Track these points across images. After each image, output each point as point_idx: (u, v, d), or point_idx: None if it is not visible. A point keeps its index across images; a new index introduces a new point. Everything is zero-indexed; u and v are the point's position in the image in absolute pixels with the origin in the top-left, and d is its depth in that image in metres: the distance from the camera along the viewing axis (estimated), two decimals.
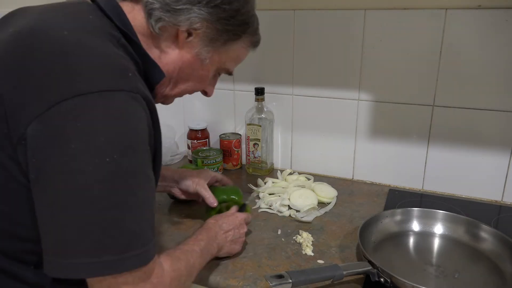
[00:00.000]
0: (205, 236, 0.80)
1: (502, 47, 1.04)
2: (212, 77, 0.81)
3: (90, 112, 0.51)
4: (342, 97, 1.25)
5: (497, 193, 1.15)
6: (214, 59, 0.74)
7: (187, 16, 0.67)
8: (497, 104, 1.08)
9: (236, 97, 1.39)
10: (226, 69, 0.80)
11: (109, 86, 0.53)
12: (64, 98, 0.51)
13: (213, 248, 0.81)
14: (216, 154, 1.33)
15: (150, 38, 0.69)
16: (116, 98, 0.54)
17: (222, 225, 0.86)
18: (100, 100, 0.52)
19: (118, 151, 0.53)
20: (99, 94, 0.52)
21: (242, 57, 0.81)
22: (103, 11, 0.64)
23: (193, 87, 0.78)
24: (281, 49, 1.28)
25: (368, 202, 1.16)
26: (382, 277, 0.77)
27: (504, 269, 0.84)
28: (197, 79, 0.77)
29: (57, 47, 0.55)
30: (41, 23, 0.59)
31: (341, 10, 1.18)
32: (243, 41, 0.77)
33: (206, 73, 0.76)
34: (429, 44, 1.10)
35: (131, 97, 0.55)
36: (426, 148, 1.19)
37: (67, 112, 0.51)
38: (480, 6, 1.04)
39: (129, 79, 0.56)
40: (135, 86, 0.57)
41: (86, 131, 0.51)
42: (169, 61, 0.71)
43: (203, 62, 0.73)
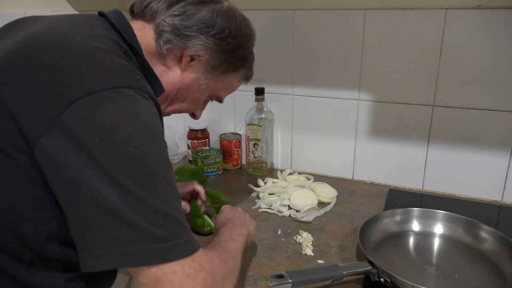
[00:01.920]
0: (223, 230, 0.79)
1: (502, 47, 1.04)
2: (204, 102, 0.85)
3: (106, 106, 0.53)
4: (342, 97, 1.25)
5: (497, 193, 1.15)
6: (211, 85, 0.79)
7: (194, 43, 0.72)
8: (497, 104, 1.08)
9: (236, 97, 1.39)
10: (218, 97, 0.86)
11: (121, 83, 0.56)
12: (80, 97, 0.52)
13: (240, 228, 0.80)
14: (216, 154, 1.33)
15: (156, 57, 0.73)
16: (129, 93, 0.56)
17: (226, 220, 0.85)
18: (114, 95, 0.54)
19: (140, 139, 0.54)
20: (113, 90, 0.54)
21: (234, 88, 0.87)
22: (112, 24, 0.67)
23: (185, 108, 0.82)
24: (281, 49, 1.28)
25: (368, 202, 1.16)
26: (382, 277, 0.77)
27: (504, 269, 0.84)
28: (191, 101, 0.81)
29: (69, 50, 0.56)
30: (53, 29, 0.61)
31: (341, 10, 1.18)
32: (239, 73, 0.83)
33: (200, 97, 0.81)
34: (429, 44, 1.10)
35: (143, 96, 0.58)
36: (426, 148, 1.19)
37: (84, 109, 0.52)
38: (480, 6, 1.04)
39: (138, 80, 0.59)
40: (144, 86, 0.59)
41: (106, 124, 0.52)
42: (170, 80, 0.75)
43: (200, 87, 0.78)
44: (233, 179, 1.33)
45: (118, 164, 0.52)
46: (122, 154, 0.52)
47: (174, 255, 0.53)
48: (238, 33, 0.77)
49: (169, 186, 0.56)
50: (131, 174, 0.52)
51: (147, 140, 0.55)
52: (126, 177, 0.52)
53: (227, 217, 0.86)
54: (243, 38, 0.79)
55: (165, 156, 0.58)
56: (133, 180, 0.52)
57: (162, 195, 0.55)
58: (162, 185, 0.55)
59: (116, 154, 0.52)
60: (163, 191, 0.55)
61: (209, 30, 0.73)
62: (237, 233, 0.78)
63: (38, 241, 0.58)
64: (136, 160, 0.53)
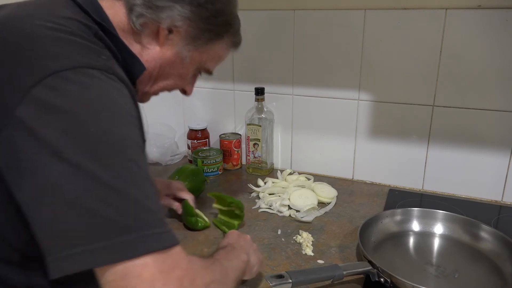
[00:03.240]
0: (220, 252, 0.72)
1: (502, 47, 1.04)
2: (192, 76, 0.80)
3: (66, 88, 0.49)
4: (342, 97, 1.25)
5: (497, 193, 1.15)
6: (195, 58, 0.74)
7: (169, 14, 0.67)
8: (497, 104, 1.08)
9: (236, 97, 1.39)
10: (207, 69, 0.79)
11: (82, 63, 0.51)
12: (37, 81, 0.48)
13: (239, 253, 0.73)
14: (216, 154, 1.33)
15: (131, 34, 0.68)
16: (92, 73, 0.52)
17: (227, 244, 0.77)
18: (75, 75, 0.50)
19: (105, 120, 0.50)
20: (73, 70, 0.50)
21: (223, 57, 0.80)
22: (78, 5, 0.62)
23: (172, 85, 0.77)
24: (281, 49, 1.28)
25: (368, 202, 1.16)
26: (382, 277, 0.77)
27: (504, 269, 0.84)
28: (177, 77, 0.76)
29: (26, 35, 0.53)
30: (12, 15, 0.57)
31: (341, 10, 1.18)
32: (224, 41, 0.76)
33: (186, 72, 0.76)
34: (429, 44, 1.10)
35: (108, 77, 0.53)
36: (426, 148, 1.19)
37: (42, 94, 0.48)
38: (480, 6, 1.04)
39: (103, 60, 0.54)
40: (110, 67, 0.55)
41: (66, 106, 0.48)
42: (150, 57, 0.70)
43: (183, 61, 0.73)
44: (233, 179, 1.33)
45: (79, 147, 0.47)
46: (84, 136, 0.48)
47: (145, 247, 0.47)
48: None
49: (139, 170, 0.50)
50: (95, 158, 0.48)
51: (113, 120, 0.51)
52: (88, 162, 0.47)
53: (229, 242, 0.77)
54: (222, 2, 0.71)
55: (135, 139, 0.53)
56: (97, 164, 0.47)
57: (130, 180, 0.49)
58: (131, 169, 0.50)
59: (78, 137, 0.48)
60: (132, 174, 0.50)
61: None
62: (234, 256, 0.71)
63: (21, 244, 0.54)
64: (101, 142, 0.48)
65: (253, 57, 1.33)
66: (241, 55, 1.34)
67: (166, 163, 1.42)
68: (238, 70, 1.36)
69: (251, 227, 1.03)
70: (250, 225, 1.04)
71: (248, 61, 1.34)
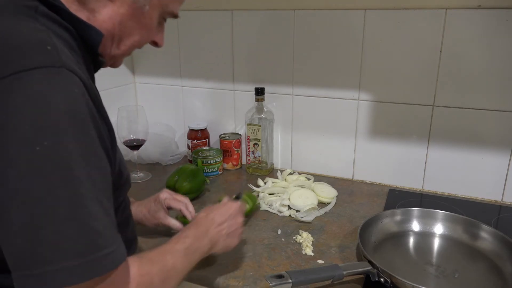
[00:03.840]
0: (192, 232, 0.73)
1: (502, 47, 1.04)
2: (158, 24, 0.71)
3: (6, 100, 0.45)
4: (342, 97, 1.25)
5: (497, 193, 1.15)
6: (154, 3, 0.66)
7: None
8: (497, 104, 1.08)
9: (236, 97, 1.39)
10: (171, 12, 0.70)
11: (23, 65, 0.47)
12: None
13: (204, 245, 0.73)
14: (216, 154, 1.33)
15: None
16: (34, 77, 0.47)
17: (214, 217, 0.78)
18: (15, 83, 0.46)
19: (49, 135, 0.46)
20: (13, 76, 0.46)
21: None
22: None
23: (140, 40, 0.69)
24: (281, 49, 1.28)
25: (368, 202, 1.16)
26: (382, 277, 0.77)
27: (504, 269, 0.84)
28: (143, 30, 0.67)
29: None
30: None
31: (341, 10, 1.18)
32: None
33: (149, 21, 0.67)
34: (429, 44, 1.10)
35: (54, 73, 0.48)
36: (426, 148, 1.19)
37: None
38: (480, 6, 1.04)
39: (47, 53, 0.49)
40: (58, 59, 0.49)
41: (7, 122, 0.45)
42: (105, 18, 0.62)
43: (143, 9, 0.65)
44: (233, 179, 1.33)
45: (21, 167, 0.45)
46: (27, 155, 0.45)
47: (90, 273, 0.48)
48: None
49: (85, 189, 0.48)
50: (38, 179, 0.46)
51: (59, 134, 0.47)
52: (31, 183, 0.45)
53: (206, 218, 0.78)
54: None
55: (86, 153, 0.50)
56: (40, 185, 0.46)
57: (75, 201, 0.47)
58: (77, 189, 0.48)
59: (20, 156, 0.45)
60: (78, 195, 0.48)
61: None
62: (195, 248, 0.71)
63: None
64: (45, 160, 0.46)
65: (253, 57, 1.33)
66: (241, 55, 1.34)
67: (166, 163, 1.42)
68: (238, 70, 1.36)
69: (251, 227, 1.03)
70: (250, 225, 1.04)
71: (248, 61, 1.34)
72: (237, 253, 0.90)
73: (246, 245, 0.94)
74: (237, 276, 0.83)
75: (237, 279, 0.83)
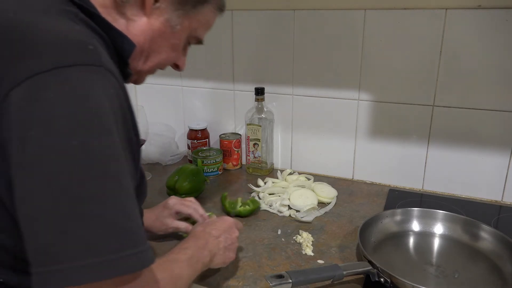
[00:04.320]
0: (192, 244, 0.74)
1: (502, 47, 1.04)
2: (183, 47, 0.75)
3: (45, 93, 0.46)
4: (342, 97, 1.25)
5: (497, 193, 1.15)
6: (185, 25, 0.69)
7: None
8: (497, 104, 1.08)
9: (236, 97, 1.39)
10: (197, 37, 0.74)
11: (64, 61, 0.47)
12: (13, 86, 0.46)
13: (204, 256, 0.74)
14: (216, 154, 1.33)
15: (113, 9, 0.62)
16: (74, 74, 0.48)
17: (211, 231, 0.79)
18: (54, 78, 0.46)
19: (85, 132, 0.47)
20: (54, 71, 0.47)
21: (211, 23, 0.75)
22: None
23: (165, 59, 0.72)
24: (281, 49, 1.28)
25: (368, 202, 1.16)
26: (382, 277, 0.77)
27: (504, 269, 0.84)
28: (169, 49, 0.71)
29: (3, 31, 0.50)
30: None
31: (341, 10, 1.18)
32: (211, 4, 0.71)
33: (178, 42, 0.71)
34: (429, 44, 1.10)
35: (93, 71, 0.49)
36: (426, 148, 1.19)
37: (19, 100, 0.45)
38: (480, 6, 1.04)
39: (88, 52, 0.50)
40: (97, 58, 0.51)
41: (45, 116, 0.45)
42: (138, 31, 0.64)
43: (173, 29, 0.68)
44: (233, 179, 1.33)
45: (56, 161, 0.45)
46: (62, 149, 0.45)
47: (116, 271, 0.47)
48: None
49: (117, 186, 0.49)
50: (72, 174, 0.46)
51: (94, 131, 0.47)
52: (65, 178, 0.46)
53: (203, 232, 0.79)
54: None
55: (117, 151, 0.50)
56: (74, 181, 0.46)
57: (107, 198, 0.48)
58: (108, 185, 0.48)
59: (55, 150, 0.45)
60: (109, 193, 0.48)
61: None
62: (196, 259, 0.71)
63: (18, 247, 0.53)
64: (79, 156, 0.46)
65: (253, 57, 1.33)
66: (241, 55, 1.34)
67: (166, 163, 1.42)
68: (238, 70, 1.36)
69: (251, 227, 1.03)
70: (250, 225, 1.04)
71: (248, 61, 1.34)
72: (237, 253, 0.90)
73: (246, 245, 0.94)
74: (237, 276, 0.83)
75: (237, 279, 0.83)
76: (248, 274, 0.84)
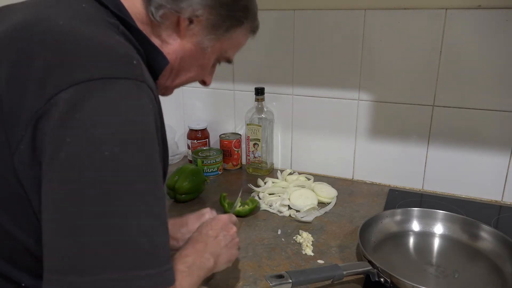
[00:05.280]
0: (191, 250, 0.70)
1: (502, 47, 1.04)
2: (212, 66, 0.77)
3: (89, 101, 0.46)
4: (342, 97, 1.25)
5: (497, 193, 1.15)
6: (216, 47, 0.71)
7: (189, 3, 0.64)
8: (497, 104, 1.08)
9: (236, 97, 1.39)
10: (227, 58, 0.76)
11: (111, 73, 0.49)
12: (61, 90, 0.47)
13: (206, 260, 0.70)
14: (216, 154, 1.33)
15: (150, 27, 0.65)
16: (120, 86, 0.49)
17: (208, 232, 0.75)
18: (101, 87, 0.48)
19: (119, 144, 0.47)
20: (100, 81, 0.48)
21: (242, 44, 0.77)
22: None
23: (193, 77, 0.75)
24: (281, 49, 1.28)
25: (368, 202, 1.16)
26: (382, 277, 0.77)
27: (504, 269, 0.84)
28: (198, 69, 0.73)
29: (52, 37, 0.51)
30: (33, 16, 0.55)
31: (341, 10, 1.18)
32: (244, 27, 0.73)
33: (207, 62, 0.73)
34: (429, 44, 1.10)
35: (136, 86, 0.51)
36: (426, 148, 1.19)
37: (64, 104, 0.46)
38: (480, 6, 1.04)
39: (133, 67, 0.52)
40: (141, 74, 0.52)
41: (84, 122, 0.46)
42: (171, 50, 0.67)
43: (204, 51, 0.70)
44: (233, 179, 1.33)
45: (87, 170, 0.46)
46: (93, 158, 0.46)
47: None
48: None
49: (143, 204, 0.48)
50: (100, 185, 0.46)
51: (128, 143, 0.48)
52: (93, 189, 0.45)
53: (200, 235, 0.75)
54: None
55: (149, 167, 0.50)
56: (101, 193, 0.46)
57: (131, 216, 0.47)
58: (134, 202, 0.48)
59: (88, 158, 0.46)
60: (134, 211, 0.47)
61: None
62: (198, 266, 0.67)
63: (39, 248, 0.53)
64: (110, 167, 0.46)
65: (253, 57, 1.33)
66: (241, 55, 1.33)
67: None
68: (238, 70, 1.36)
69: (251, 227, 1.03)
70: (250, 225, 1.04)
71: (248, 61, 1.34)
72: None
73: (246, 245, 0.94)
74: (237, 276, 0.83)
75: (237, 279, 0.83)
76: (248, 274, 0.84)
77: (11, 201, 0.51)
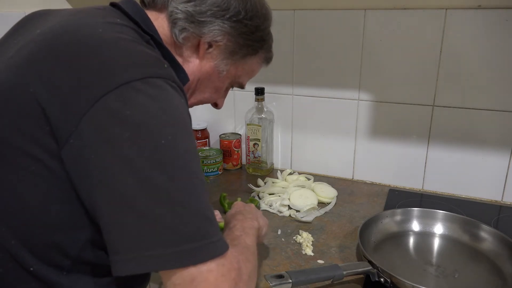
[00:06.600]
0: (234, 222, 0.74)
1: (502, 47, 1.04)
2: (225, 90, 0.83)
3: (136, 98, 0.51)
4: (342, 97, 1.25)
5: (497, 193, 1.15)
6: (231, 71, 0.77)
7: (210, 28, 0.70)
8: (497, 104, 1.08)
9: (236, 97, 1.39)
10: (240, 83, 0.83)
11: (149, 73, 0.54)
12: (108, 91, 0.51)
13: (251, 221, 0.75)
14: (216, 154, 1.33)
15: (173, 47, 0.71)
16: (159, 83, 0.54)
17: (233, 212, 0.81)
18: (144, 86, 0.52)
19: (172, 132, 0.52)
20: (142, 80, 0.52)
21: (255, 72, 0.84)
22: (127, 14, 0.65)
23: (207, 98, 0.81)
24: (281, 49, 1.28)
25: (368, 202, 1.16)
26: (382, 277, 0.77)
27: (504, 269, 0.84)
28: (212, 91, 0.79)
29: (94, 43, 0.55)
30: (73, 22, 0.59)
31: (341, 10, 1.18)
32: (259, 56, 0.80)
33: (221, 85, 0.79)
34: (429, 44, 1.10)
35: (171, 85, 0.56)
36: (426, 148, 1.19)
37: (113, 103, 0.50)
38: (480, 6, 1.04)
39: (166, 69, 0.57)
40: (172, 75, 0.57)
41: (136, 117, 0.51)
42: (189, 71, 0.72)
43: (220, 74, 0.76)
44: (233, 179, 1.33)
45: (149, 158, 0.50)
46: (153, 147, 0.50)
47: (208, 255, 0.51)
48: (255, 14, 0.73)
49: (199, 181, 0.54)
50: (163, 169, 0.50)
51: (178, 131, 0.53)
52: (157, 173, 0.50)
53: (237, 210, 0.81)
54: (260, 19, 0.75)
55: (195, 149, 0.56)
56: (165, 176, 0.50)
57: (193, 191, 0.53)
58: (193, 180, 0.53)
59: (147, 148, 0.50)
60: (194, 187, 0.53)
61: (224, 14, 0.70)
62: (249, 227, 0.73)
63: (75, 248, 0.57)
64: (168, 153, 0.51)
65: None
66: None
67: None
68: None
69: None
70: None
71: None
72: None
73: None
74: None
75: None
76: None
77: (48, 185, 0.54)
